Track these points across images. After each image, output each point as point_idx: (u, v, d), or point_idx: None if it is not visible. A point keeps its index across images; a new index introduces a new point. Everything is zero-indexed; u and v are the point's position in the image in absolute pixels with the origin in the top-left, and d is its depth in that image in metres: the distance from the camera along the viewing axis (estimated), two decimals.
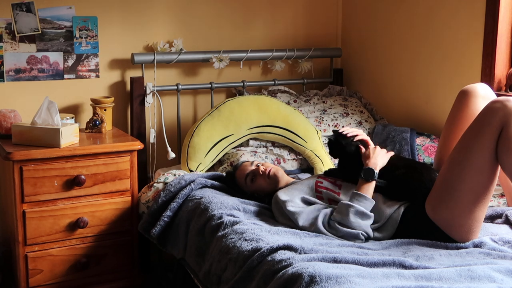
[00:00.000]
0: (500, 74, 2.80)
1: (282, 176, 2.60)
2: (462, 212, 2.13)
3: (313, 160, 3.01)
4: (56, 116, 2.63)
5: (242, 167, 2.66)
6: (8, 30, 2.90)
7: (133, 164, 2.78)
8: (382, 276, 1.81)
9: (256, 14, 3.47)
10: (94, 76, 3.12)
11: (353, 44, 3.64)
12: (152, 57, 3.11)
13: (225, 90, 3.44)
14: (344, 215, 2.20)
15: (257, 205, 2.54)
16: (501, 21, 2.73)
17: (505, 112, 2.07)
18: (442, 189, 2.17)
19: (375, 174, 2.28)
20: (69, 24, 3.02)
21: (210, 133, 2.94)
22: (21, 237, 2.60)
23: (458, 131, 2.30)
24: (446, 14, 3.01)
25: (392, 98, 3.40)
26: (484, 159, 2.09)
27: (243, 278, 2.04)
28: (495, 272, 1.84)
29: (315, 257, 1.94)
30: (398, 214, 2.25)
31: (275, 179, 2.57)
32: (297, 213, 2.31)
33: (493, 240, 2.15)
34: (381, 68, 3.46)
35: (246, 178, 2.60)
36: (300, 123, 3.04)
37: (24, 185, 2.56)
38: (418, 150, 2.95)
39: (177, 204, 2.60)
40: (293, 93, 3.46)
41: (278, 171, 2.60)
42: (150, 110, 3.19)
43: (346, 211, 2.20)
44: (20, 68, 2.96)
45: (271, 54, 3.40)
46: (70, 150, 2.63)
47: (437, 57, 3.08)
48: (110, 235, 2.77)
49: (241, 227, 2.25)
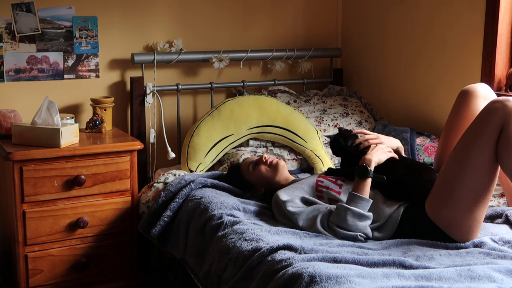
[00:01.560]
0: (500, 74, 2.80)
1: (283, 168, 2.63)
2: (462, 212, 2.13)
3: (313, 160, 3.01)
4: (56, 116, 2.63)
5: (246, 160, 2.75)
6: (8, 30, 2.90)
7: (133, 164, 2.78)
8: (382, 276, 1.81)
9: (256, 14, 3.47)
10: (94, 76, 3.12)
11: (353, 44, 3.64)
12: (152, 57, 3.11)
13: (225, 90, 3.44)
14: (341, 218, 2.19)
15: (257, 205, 2.54)
16: (501, 21, 2.73)
17: (505, 112, 2.07)
18: (442, 189, 2.17)
19: (368, 171, 2.26)
20: (69, 24, 3.02)
21: (210, 133, 2.94)
22: (21, 237, 2.60)
23: (459, 131, 2.30)
24: (446, 14, 3.01)
25: (392, 98, 3.40)
26: (484, 159, 2.09)
27: (243, 278, 2.04)
28: (495, 272, 1.84)
29: (315, 257, 1.94)
30: (398, 214, 2.25)
31: (275, 168, 2.61)
32: (296, 214, 2.31)
33: (493, 240, 2.15)
34: (381, 68, 3.46)
35: (249, 165, 2.65)
36: (300, 123, 3.04)
37: (24, 185, 2.56)
38: (418, 150, 2.95)
39: (177, 204, 2.60)
40: (293, 93, 3.47)
41: (280, 162, 2.64)
42: (150, 110, 3.19)
43: (343, 215, 2.19)
44: (20, 68, 2.96)
45: (271, 54, 3.40)
46: (70, 150, 2.63)
47: (437, 57, 3.08)
48: (110, 235, 2.77)
49: (241, 227, 2.25)
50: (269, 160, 2.64)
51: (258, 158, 2.68)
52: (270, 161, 2.64)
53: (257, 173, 2.63)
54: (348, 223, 2.18)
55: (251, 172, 2.64)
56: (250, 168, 2.64)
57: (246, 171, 2.66)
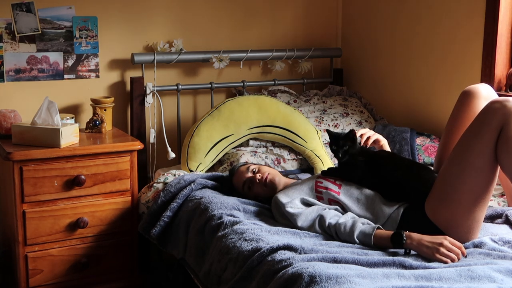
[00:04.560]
0: (500, 74, 2.80)
1: (280, 181, 2.57)
2: (461, 212, 2.13)
3: (313, 160, 3.01)
4: (56, 116, 2.63)
5: (238, 173, 2.64)
6: (8, 30, 2.90)
7: (133, 164, 2.78)
8: (382, 276, 1.81)
9: (256, 14, 3.47)
10: (94, 76, 3.12)
11: (353, 44, 3.64)
12: (152, 57, 3.11)
13: (225, 90, 3.44)
14: (343, 234, 2.16)
15: (257, 205, 2.54)
16: (501, 21, 2.73)
17: (504, 112, 2.07)
18: (441, 189, 2.17)
19: (403, 242, 2.06)
20: (69, 24, 3.02)
21: (210, 133, 2.94)
22: (21, 237, 2.60)
23: (460, 131, 2.29)
24: (446, 14, 3.01)
25: (392, 98, 3.40)
26: (484, 159, 2.09)
27: (243, 278, 2.04)
28: (495, 272, 1.84)
29: (315, 257, 1.94)
30: (398, 214, 2.25)
31: (273, 186, 2.55)
32: (296, 215, 2.30)
33: (493, 240, 2.15)
34: (381, 68, 3.46)
35: (244, 186, 2.59)
36: (300, 123, 3.04)
37: (24, 185, 2.56)
38: (418, 150, 2.95)
39: (177, 204, 2.60)
40: (293, 93, 3.47)
41: (275, 177, 2.57)
42: (150, 110, 3.19)
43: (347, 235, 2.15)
44: (20, 68, 2.96)
45: (271, 54, 3.40)
46: (70, 150, 2.63)
47: (437, 57, 3.08)
48: (110, 235, 2.77)
49: (241, 227, 2.25)
50: (263, 178, 2.55)
51: (250, 178, 2.57)
52: (264, 181, 2.55)
53: (255, 193, 2.58)
54: (347, 239, 2.17)
55: (247, 192, 2.59)
56: (245, 189, 2.59)
57: (241, 191, 2.61)
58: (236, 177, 2.64)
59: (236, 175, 2.65)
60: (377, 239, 2.09)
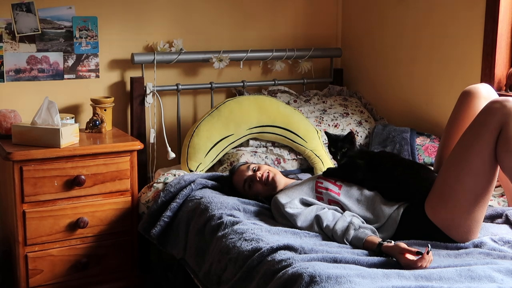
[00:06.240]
0: (500, 74, 2.80)
1: (280, 180, 2.58)
2: (461, 212, 2.13)
3: (313, 160, 3.01)
4: (56, 116, 2.63)
5: (239, 172, 2.65)
6: (8, 30, 2.90)
7: (133, 164, 2.78)
8: (382, 276, 1.81)
9: (256, 14, 3.47)
10: (94, 76, 3.12)
11: (353, 44, 3.64)
12: (152, 57, 3.11)
13: (225, 90, 3.44)
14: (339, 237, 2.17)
15: (257, 205, 2.54)
16: (501, 21, 2.73)
17: (504, 112, 2.07)
18: (441, 189, 2.17)
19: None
20: (69, 24, 3.02)
21: (210, 133, 2.94)
22: (21, 237, 2.60)
23: (460, 132, 2.29)
24: (446, 14, 3.01)
25: (392, 98, 3.40)
26: (483, 159, 2.09)
27: (243, 278, 2.04)
28: (495, 272, 1.84)
29: (315, 257, 1.94)
30: (398, 214, 2.25)
31: (273, 185, 2.56)
32: (295, 215, 2.30)
33: (493, 240, 2.15)
34: (381, 68, 3.46)
35: (244, 185, 2.60)
36: (300, 123, 3.04)
37: (24, 185, 2.56)
38: (418, 150, 2.95)
39: (177, 205, 2.60)
40: (293, 93, 3.47)
41: (276, 176, 2.58)
42: (150, 110, 3.19)
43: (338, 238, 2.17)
44: (20, 68, 2.96)
45: (271, 54, 3.40)
46: (70, 150, 2.63)
47: (437, 57, 3.08)
48: (110, 235, 2.77)
49: (241, 227, 2.25)
50: (264, 177, 2.57)
51: (250, 176, 2.59)
52: (265, 179, 2.56)
53: (255, 192, 2.59)
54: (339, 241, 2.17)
55: (248, 191, 2.60)
56: (246, 188, 2.59)
57: (242, 190, 2.62)
58: (237, 176, 2.64)
59: (236, 174, 2.65)
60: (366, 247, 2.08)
